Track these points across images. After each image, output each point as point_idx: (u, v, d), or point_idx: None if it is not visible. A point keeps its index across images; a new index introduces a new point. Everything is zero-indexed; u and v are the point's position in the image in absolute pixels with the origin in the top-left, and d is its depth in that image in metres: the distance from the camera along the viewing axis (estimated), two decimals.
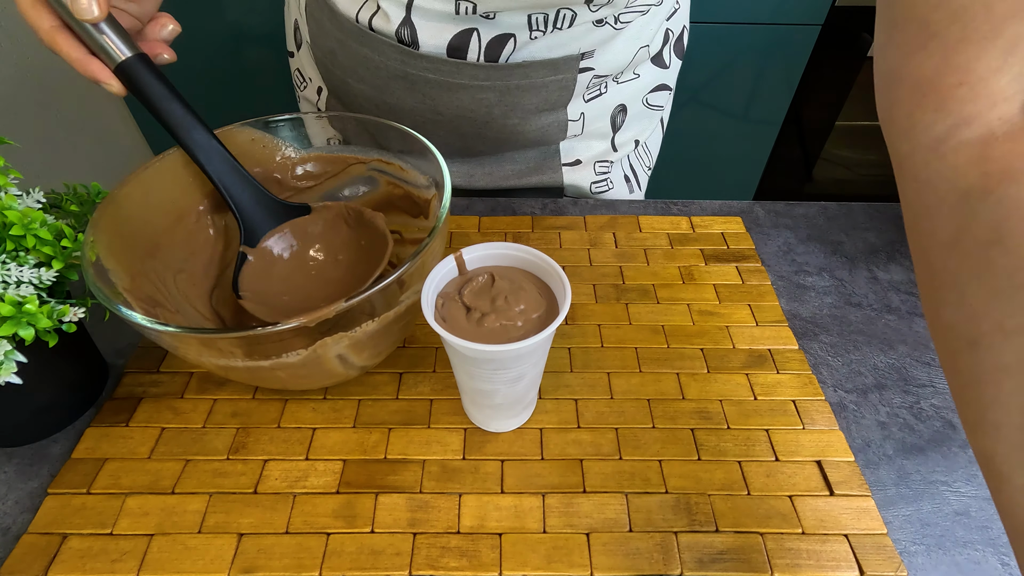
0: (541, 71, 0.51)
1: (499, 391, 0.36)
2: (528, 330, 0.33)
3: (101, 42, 0.38)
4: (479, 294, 0.34)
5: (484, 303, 0.34)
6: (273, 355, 0.34)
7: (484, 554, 0.35)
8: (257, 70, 1.33)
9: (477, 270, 0.36)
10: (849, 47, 1.22)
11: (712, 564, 0.34)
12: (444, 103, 0.53)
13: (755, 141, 1.36)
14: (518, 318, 0.33)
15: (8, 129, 1.12)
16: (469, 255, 0.36)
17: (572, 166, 0.61)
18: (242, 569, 0.34)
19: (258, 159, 0.47)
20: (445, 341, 0.32)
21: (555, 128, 0.57)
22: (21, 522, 0.36)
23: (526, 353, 0.32)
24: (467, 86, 0.52)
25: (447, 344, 0.33)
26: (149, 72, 0.40)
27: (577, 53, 0.51)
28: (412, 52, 0.50)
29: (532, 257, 0.35)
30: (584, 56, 0.52)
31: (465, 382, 0.37)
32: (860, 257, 0.55)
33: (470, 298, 0.34)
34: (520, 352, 0.32)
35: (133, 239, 0.40)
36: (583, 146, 0.61)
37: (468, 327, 0.33)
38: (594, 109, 0.57)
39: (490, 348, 0.30)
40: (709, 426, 0.41)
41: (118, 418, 0.41)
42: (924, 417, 0.43)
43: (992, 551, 0.36)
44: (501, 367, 0.33)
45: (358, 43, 0.53)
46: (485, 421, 0.40)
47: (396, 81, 0.53)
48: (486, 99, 0.53)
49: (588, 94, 0.56)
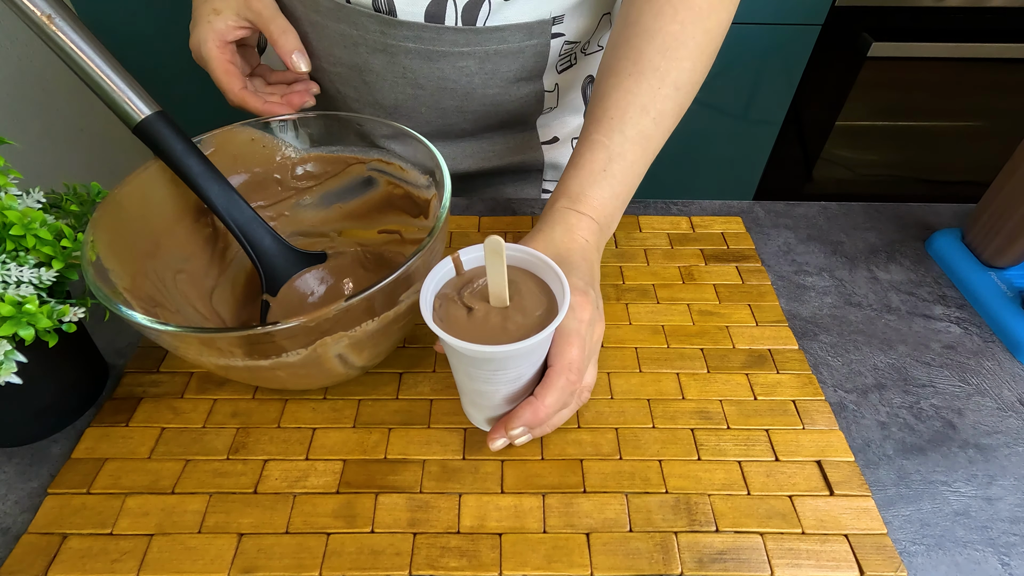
0: (517, 35, 0.53)
1: (499, 391, 0.35)
2: (529, 329, 0.32)
3: (119, 101, 0.39)
4: (478, 295, 0.34)
5: (483, 304, 0.34)
6: (273, 355, 0.34)
7: (484, 554, 0.35)
8: None
9: (475, 270, 0.35)
10: (849, 47, 1.22)
11: (712, 564, 0.34)
12: (424, 75, 0.54)
13: (755, 141, 1.36)
14: (518, 318, 0.33)
15: (8, 129, 1.12)
16: (467, 256, 0.35)
17: (550, 144, 0.65)
18: (242, 569, 0.34)
19: (258, 159, 0.47)
20: (444, 342, 0.32)
21: (532, 99, 0.59)
22: (21, 522, 0.36)
23: (526, 352, 0.32)
24: (447, 53, 0.53)
25: (446, 345, 0.33)
26: (169, 128, 0.41)
27: (549, 17, 0.53)
28: (391, 20, 0.51)
29: (530, 257, 0.35)
30: (555, 21, 0.54)
31: (465, 383, 0.37)
32: (860, 257, 0.55)
33: (469, 299, 0.34)
34: (519, 352, 0.31)
35: (133, 239, 0.40)
36: (558, 122, 0.64)
37: (468, 328, 0.33)
38: (567, 80, 0.60)
39: (489, 349, 0.30)
40: (709, 426, 0.41)
41: (118, 418, 0.41)
42: (924, 417, 0.43)
43: (992, 551, 0.36)
44: (501, 367, 0.33)
45: (335, 20, 0.53)
46: (485, 422, 0.40)
47: (375, 56, 0.54)
48: (466, 67, 0.54)
49: (560, 64, 0.58)
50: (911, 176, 1.43)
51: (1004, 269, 0.52)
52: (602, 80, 0.44)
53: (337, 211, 0.50)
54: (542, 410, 0.34)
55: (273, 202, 0.49)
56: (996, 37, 1.19)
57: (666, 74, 0.42)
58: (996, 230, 0.50)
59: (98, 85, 0.38)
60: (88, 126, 1.30)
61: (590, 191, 0.41)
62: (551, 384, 0.34)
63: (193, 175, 0.41)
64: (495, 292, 0.33)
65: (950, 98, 1.29)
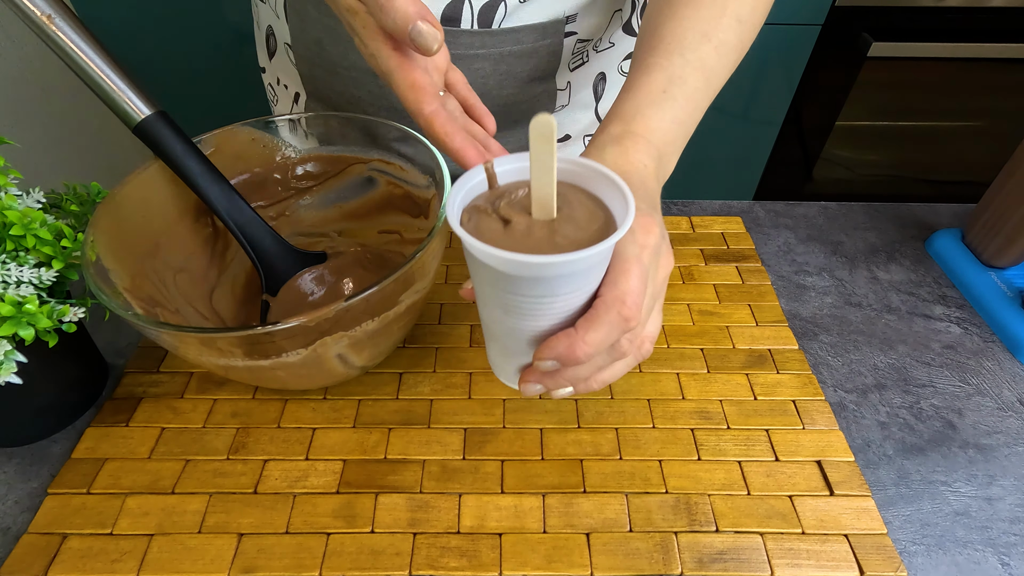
0: (531, 35, 0.53)
1: (539, 327, 0.28)
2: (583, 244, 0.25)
3: (119, 101, 0.39)
4: (517, 205, 0.27)
5: (524, 216, 0.26)
6: (273, 354, 0.34)
7: (484, 554, 0.35)
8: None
9: (512, 184, 0.28)
10: (849, 47, 1.22)
11: (712, 564, 0.34)
12: None
13: (755, 141, 1.36)
14: (568, 230, 0.26)
15: (8, 129, 1.12)
16: (502, 167, 0.28)
17: (563, 142, 0.64)
18: (242, 569, 0.34)
19: (258, 159, 0.47)
20: (476, 259, 0.25)
21: (545, 98, 0.59)
22: (21, 522, 0.36)
23: (582, 269, 0.25)
24: (462, 56, 0.52)
25: (476, 266, 0.26)
26: (169, 128, 0.40)
27: (562, 16, 0.53)
28: None
29: (581, 168, 0.28)
30: (568, 20, 0.53)
31: (496, 320, 0.29)
32: (860, 257, 0.55)
33: (506, 209, 0.27)
34: (574, 266, 0.24)
35: (133, 239, 0.40)
36: (570, 120, 0.63)
37: (505, 242, 0.26)
38: (578, 78, 0.60)
39: (538, 259, 0.23)
40: (709, 426, 0.41)
41: (118, 418, 0.41)
42: (924, 417, 0.43)
43: (992, 551, 0.36)
44: (547, 290, 0.26)
45: None
46: (516, 374, 0.32)
47: None
48: (481, 69, 0.53)
49: (573, 62, 0.58)
50: (911, 176, 1.43)
51: (1004, 269, 0.52)
52: (652, 15, 0.40)
53: (337, 211, 0.50)
54: (580, 347, 0.26)
55: (273, 202, 0.49)
56: (996, 37, 1.19)
57: (726, 5, 0.38)
58: (996, 230, 0.50)
59: (98, 85, 0.38)
60: (88, 126, 1.30)
61: (648, 111, 0.35)
62: (596, 318, 0.26)
63: (193, 175, 0.41)
64: (541, 197, 0.26)
65: (950, 98, 1.29)
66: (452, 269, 0.52)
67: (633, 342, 0.29)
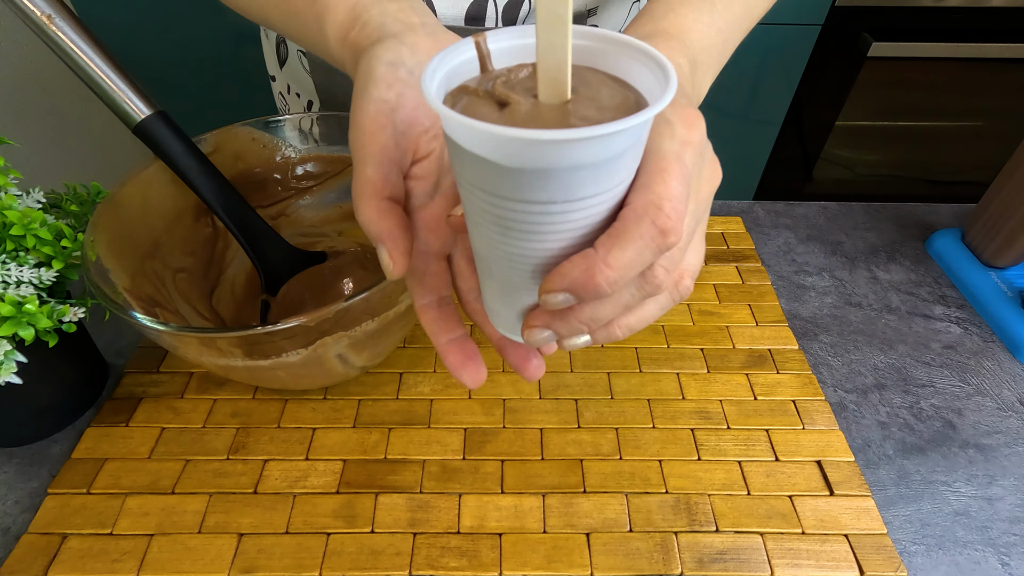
0: None
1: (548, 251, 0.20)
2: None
3: (119, 101, 0.39)
4: (518, 86, 0.20)
5: (527, 97, 0.20)
6: (273, 355, 0.34)
7: (484, 554, 0.35)
8: (258, 68, 1.33)
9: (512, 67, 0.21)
10: (849, 47, 1.22)
11: (712, 564, 0.34)
12: None
13: (755, 141, 1.36)
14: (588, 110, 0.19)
15: (8, 129, 1.12)
16: (496, 44, 0.21)
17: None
18: (242, 569, 0.34)
19: (258, 159, 0.47)
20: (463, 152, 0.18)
21: None
22: (21, 522, 0.36)
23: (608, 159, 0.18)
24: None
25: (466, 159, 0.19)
26: (169, 128, 0.40)
27: (584, 10, 0.52)
28: None
29: (598, 43, 0.21)
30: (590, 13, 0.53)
31: (492, 244, 0.21)
32: (860, 257, 0.55)
33: (502, 90, 0.20)
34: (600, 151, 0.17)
35: (133, 239, 0.40)
36: None
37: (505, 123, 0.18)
38: None
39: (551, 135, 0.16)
40: (709, 426, 0.41)
41: (118, 418, 0.41)
42: (924, 417, 0.43)
43: (992, 551, 0.36)
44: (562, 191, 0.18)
45: None
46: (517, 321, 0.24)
47: None
48: None
49: None
50: (911, 176, 1.43)
51: (1004, 269, 0.52)
52: None
53: (337, 211, 0.50)
54: (601, 271, 0.19)
55: (273, 202, 0.49)
56: (996, 37, 1.19)
57: None
58: (996, 230, 0.50)
59: (98, 85, 0.38)
60: (88, 126, 1.30)
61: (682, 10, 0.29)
62: (624, 231, 0.19)
63: (193, 175, 0.41)
64: (550, 67, 0.19)
65: (950, 98, 1.29)
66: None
67: (671, 272, 0.21)
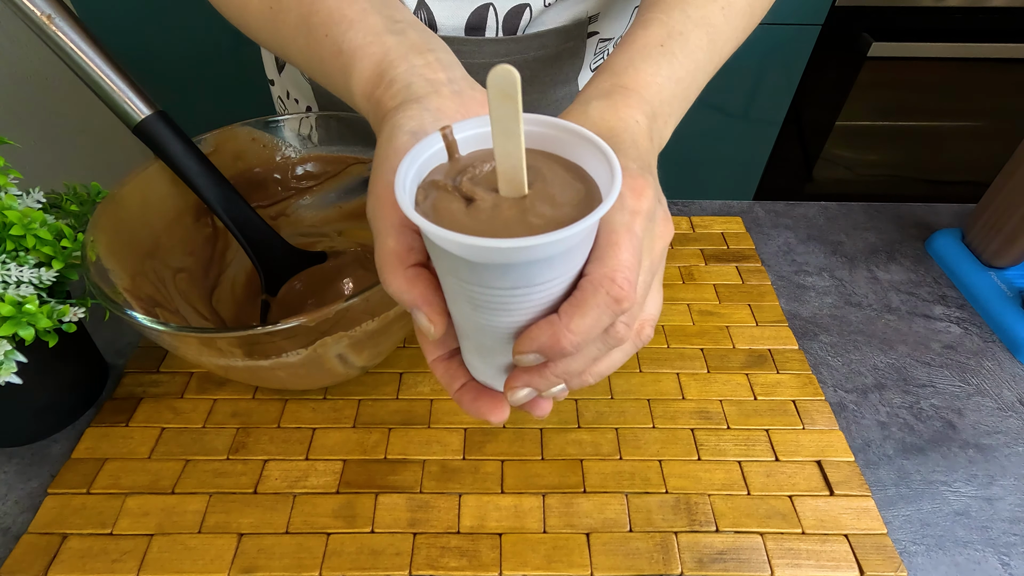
0: (555, 39, 0.52)
1: (516, 322, 0.24)
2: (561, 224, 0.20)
3: (119, 101, 0.39)
4: (482, 181, 0.23)
5: (490, 193, 0.22)
6: (273, 354, 0.34)
7: (484, 554, 0.35)
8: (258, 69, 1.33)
9: (477, 154, 0.24)
10: (849, 47, 1.22)
11: (712, 564, 0.34)
12: None
13: (755, 141, 1.36)
14: (544, 208, 0.21)
15: (8, 129, 1.12)
16: (462, 133, 0.23)
17: None
18: (242, 569, 0.34)
19: (258, 159, 0.47)
20: (435, 246, 0.21)
21: (567, 101, 0.58)
22: (21, 522, 0.36)
23: (561, 252, 0.21)
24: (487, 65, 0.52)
25: (439, 252, 0.22)
26: (169, 128, 0.40)
27: (585, 16, 0.52)
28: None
29: (555, 131, 0.23)
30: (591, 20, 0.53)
31: (465, 315, 0.24)
32: (860, 257, 0.55)
33: (468, 187, 0.22)
34: (553, 250, 0.20)
35: (133, 239, 0.40)
36: None
37: (468, 223, 0.21)
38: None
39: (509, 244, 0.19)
40: (709, 426, 0.41)
41: (118, 418, 0.41)
42: (924, 417, 0.43)
43: (992, 551, 0.36)
44: (523, 280, 0.21)
45: None
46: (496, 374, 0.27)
47: None
48: None
49: (594, 62, 0.58)
50: (911, 176, 1.43)
51: (1004, 269, 0.52)
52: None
53: (337, 211, 0.50)
54: (565, 336, 0.22)
55: (273, 202, 0.49)
56: (996, 37, 1.19)
57: None
58: (996, 230, 0.50)
59: (98, 85, 0.38)
60: (88, 126, 1.30)
61: (641, 64, 0.31)
62: (582, 301, 0.22)
63: (193, 175, 0.41)
64: (507, 170, 0.22)
65: (950, 98, 1.29)
66: None
67: (631, 326, 0.24)
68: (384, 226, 0.25)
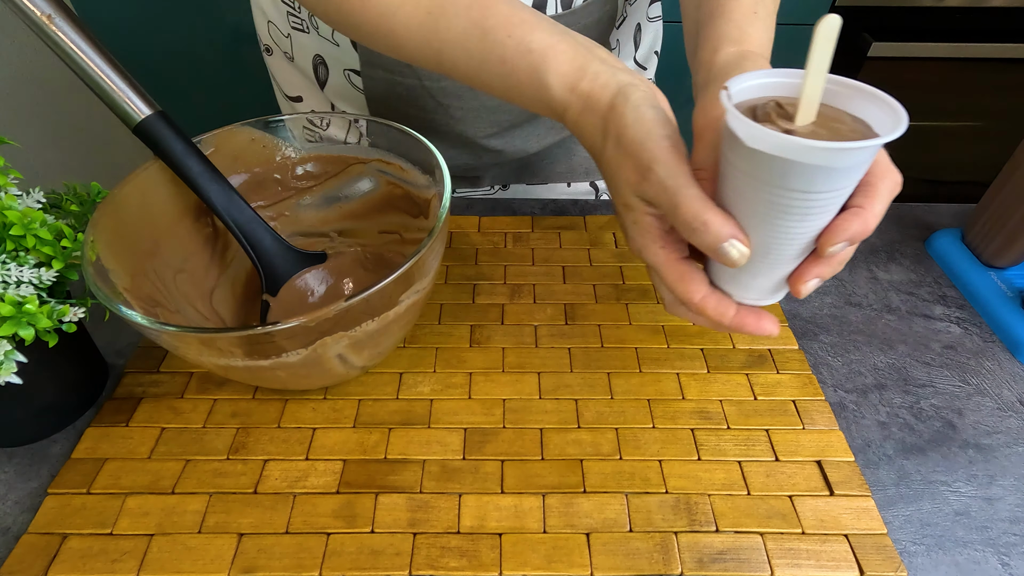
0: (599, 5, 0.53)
1: (811, 229, 0.28)
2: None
3: (119, 101, 0.39)
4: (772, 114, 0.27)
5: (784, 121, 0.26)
6: (273, 355, 0.34)
7: (484, 554, 0.35)
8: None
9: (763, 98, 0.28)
10: (849, 47, 1.22)
11: (712, 564, 0.34)
12: None
13: None
14: (846, 132, 0.26)
15: (8, 129, 1.12)
16: (738, 84, 0.27)
17: None
18: (242, 569, 0.34)
19: (258, 159, 0.47)
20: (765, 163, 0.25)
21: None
22: (21, 522, 0.36)
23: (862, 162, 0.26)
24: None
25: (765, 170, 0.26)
26: (169, 128, 0.40)
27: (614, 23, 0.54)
28: None
29: (833, 85, 0.28)
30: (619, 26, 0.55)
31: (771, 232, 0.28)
32: (860, 257, 0.55)
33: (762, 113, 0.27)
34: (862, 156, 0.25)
35: (133, 239, 0.41)
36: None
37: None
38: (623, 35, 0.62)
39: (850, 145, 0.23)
40: (709, 426, 0.41)
41: (118, 418, 0.41)
42: (924, 417, 0.43)
43: (992, 551, 0.36)
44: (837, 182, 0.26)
45: None
46: (771, 290, 0.32)
47: None
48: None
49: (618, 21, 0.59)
50: (911, 176, 1.42)
51: (1004, 269, 0.52)
52: None
53: (337, 211, 0.50)
54: (872, 219, 0.28)
55: (273, 202, 0.49)
56: (996, 37, 1.19)
57: None
58: (996, 230, 0.50)
59: (98, 85, 0.38)
60: (88, 126, 1.30)
61: (750, 30, 0.35)
62: (879, 191, 0.28)
63: (193, 175, 0.41)
64: (811, 102, 0.26)
65: (950, 98, 1.29)
66: (452, 269, 0.52)
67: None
68: (682, 182, 0.28)
